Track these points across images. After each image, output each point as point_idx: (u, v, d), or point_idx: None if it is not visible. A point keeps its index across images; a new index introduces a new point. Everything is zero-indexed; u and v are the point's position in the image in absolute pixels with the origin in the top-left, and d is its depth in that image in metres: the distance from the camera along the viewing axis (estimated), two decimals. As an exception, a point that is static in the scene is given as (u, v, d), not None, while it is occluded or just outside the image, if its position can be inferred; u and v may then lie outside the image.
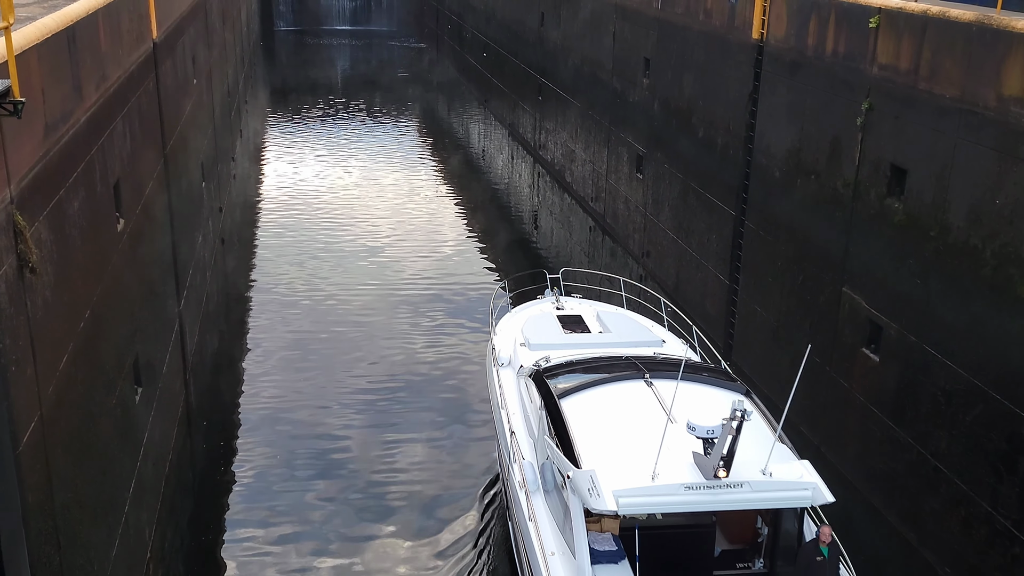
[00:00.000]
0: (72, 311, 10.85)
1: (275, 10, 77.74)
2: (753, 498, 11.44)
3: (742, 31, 21.31)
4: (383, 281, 28.06)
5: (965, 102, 14.19)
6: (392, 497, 18.18)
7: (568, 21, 35.12)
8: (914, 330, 15.36)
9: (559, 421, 12.95)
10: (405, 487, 18.47)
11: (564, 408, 13.11)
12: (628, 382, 13.86)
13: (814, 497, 11.58)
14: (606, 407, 13.30)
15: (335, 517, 17.62)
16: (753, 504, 11.65)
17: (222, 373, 23.04)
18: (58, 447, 9.94)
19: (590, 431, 12.61)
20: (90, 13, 12.79)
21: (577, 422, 12.77)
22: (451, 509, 17.78)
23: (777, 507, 12.18)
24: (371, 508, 17.88)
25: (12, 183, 8.97)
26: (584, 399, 13.39)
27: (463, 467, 19.08)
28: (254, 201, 35.79)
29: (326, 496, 18.18)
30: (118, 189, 13.82)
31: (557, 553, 12.29)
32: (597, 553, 12.01)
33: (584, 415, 12.99)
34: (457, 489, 18.38)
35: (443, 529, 17.19)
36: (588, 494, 11.31)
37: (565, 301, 18.83)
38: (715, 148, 22.80)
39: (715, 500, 11.35)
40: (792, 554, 12.46)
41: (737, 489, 11.25)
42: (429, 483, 18.60)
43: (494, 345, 17.51)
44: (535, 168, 40.07)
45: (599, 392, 13.61)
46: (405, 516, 17.59)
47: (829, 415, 17.92)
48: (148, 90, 17.36)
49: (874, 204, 16.52)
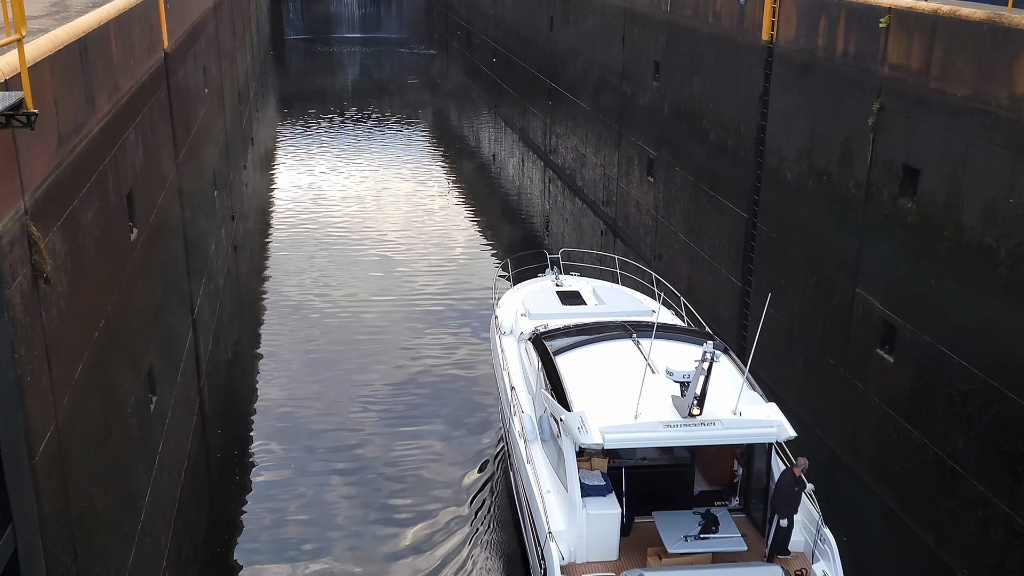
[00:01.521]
0: (87, 320, 10.90)
1: (285, 19, 78.04)
2: (724, 434, 12.67)
3: (751, 33, 21.28)
4: (395, 286, 28.11)
5: (977, 101, 14.13)
6: (406, 507, 18.18)
7: (577, 25, 35.13)
8: (929, 330, 15.29)
9: (554, 375, 14.27)
10: (419, 494, 18.46)
11: (559, 363, 14.47)
12: (617, 341, 15.19)
13: (779, 433, 12.78)
14: (596, 361, 14.59)
15: (351, 524, 17.64)
16: (724, 440, 12.89)
17: (236, 380, 23.11)
18: (74, 456, 9.98)
19: (581, 382, 13.92)
20: (102, 24, 12.86)
21: (570, 375, 14.10)
22: (457, 491, 18.11)
23: (746, 442, 13.45)
24: (386, 515, 17.89)
25: (26, 194, 9.03)
26: (577, 355, 14.78)
27: (472, 467, 19.11)
28: (266, 208, 35.91)
29: (342, 503, 18.20)
30: (131, 199, 13.88)
31: (552, 491, 13.65)
32: (587, 487, 13.24)
33: (576, 369, 14.31)
34: (465, 484, 18.40)
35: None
36: (578, 432, 12.61)
37: (564, 279, 20.18)
38: (726, 150, 22.76)
39: (690, 436, 12.59)
40: (763, 493, 13.54)
41: (710, 427, 12.48)
42: (441, 484, 18.60)
43: (497, 315, 19.04)
44: (546, 172, 40.09)
45: (590, 349, 14.97)
46: (422, 530, 17.56)
47: (844, 417, 17.84)
48: (160, 100, 17.45)
49: (887, 205, 16.45)
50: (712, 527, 13.09)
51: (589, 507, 12.99)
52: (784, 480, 13.16)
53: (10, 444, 8.10)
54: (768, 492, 13.46)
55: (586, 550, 12.95)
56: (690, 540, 12.79)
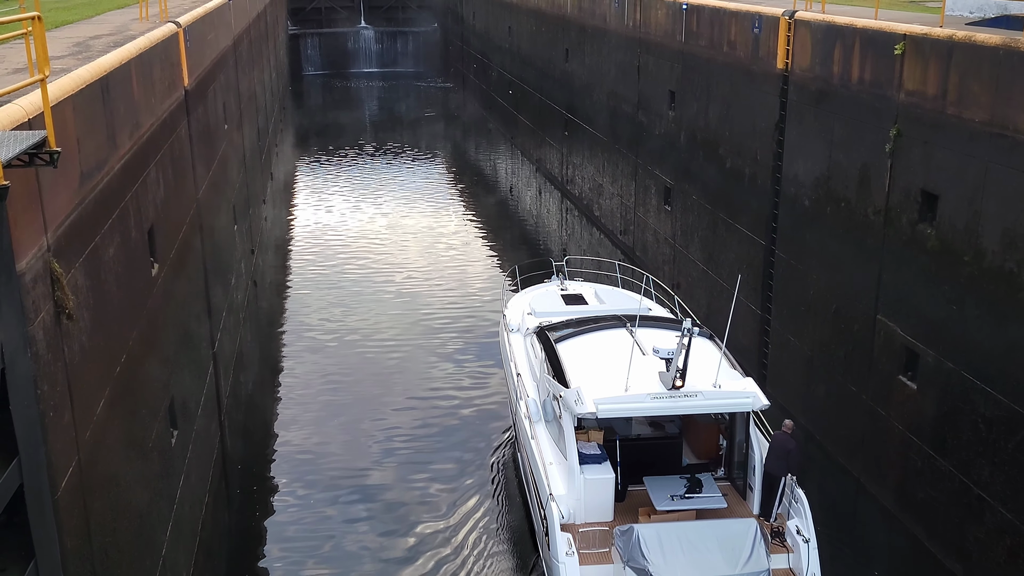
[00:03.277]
0: (108, 356, 10.97)
1: (303, 55, 78.80)
2: (705, 404, 14.08)
3: (766, 61, 21.34)
4: (414, 321, 28.12)
5: (995, 125, 14.09)
6: (425, 542, 18.10)
7: (592, 56, 35.35)
8: (951, 356, 15.16)
9: (555, 360, 15.71)
10: (436, 534, 18.38)
11: (559, 350, 15.99)
12: (611, 330, 16.68)
13: (754, 403, 14.09)
14: (592, 347, 16.10)
15: (371, 559, 17.56)
16: (705, 408, 14.33)
17: (256, 414, 23.14)
18: (95, 491, 10.00)
19: (579, 364, 15.37)
20: (123, 63, 13.05)
21: (569, 359, 15.59)
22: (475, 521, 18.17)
23: (724, 411, 14.95)
24: (406, 546, 17.81)
25: (49, 231, 9.13)
26: (575, 343, 16.30)
27: (483, 465, 19.09)
28: (285, 243, 36.13)
29: (362, 538, 18.13)
30: (152, 234, 14.01)
31: (554, 462, 15.14)
32: (585, 456, 14.71)
33: (574, 354, 15.81)
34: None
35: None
36: (575, 404, 14.09)
37: (568, 283, 21.78)
38: (743, 178, 22.76)
39: (675, 406, 13.99)
40: (744, 462, 15.00)
41: (692, 397, 13.86)
42: (459, 528, 18.51)
43: (505, 315, 20.76)
44: (563, 203, 40.16)
45: (587, 337, 16.51)
46: (443, 560, 17.49)
47: (867, 445, 17.67)
48: (180, 136, 17.64)
49: (906, 230, 16.39)
50: (696, 488, 14.53)
51: (586, 473, 14.41)
52: (778, 440, 14.39)
53: (32, 480, 8.13)
54: (749, 464, 14.80)
55: (584, 511, 14.35)
56: (676, 499, 14.23)
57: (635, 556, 13.06)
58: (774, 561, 13.42)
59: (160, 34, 16.59)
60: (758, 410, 14.34)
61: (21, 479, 7.92)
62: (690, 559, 12.97)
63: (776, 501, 14.38)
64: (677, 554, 12.98)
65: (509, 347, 19.26)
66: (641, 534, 13.21)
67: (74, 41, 15.52)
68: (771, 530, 14.05)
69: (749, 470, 14.82)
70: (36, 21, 8.38)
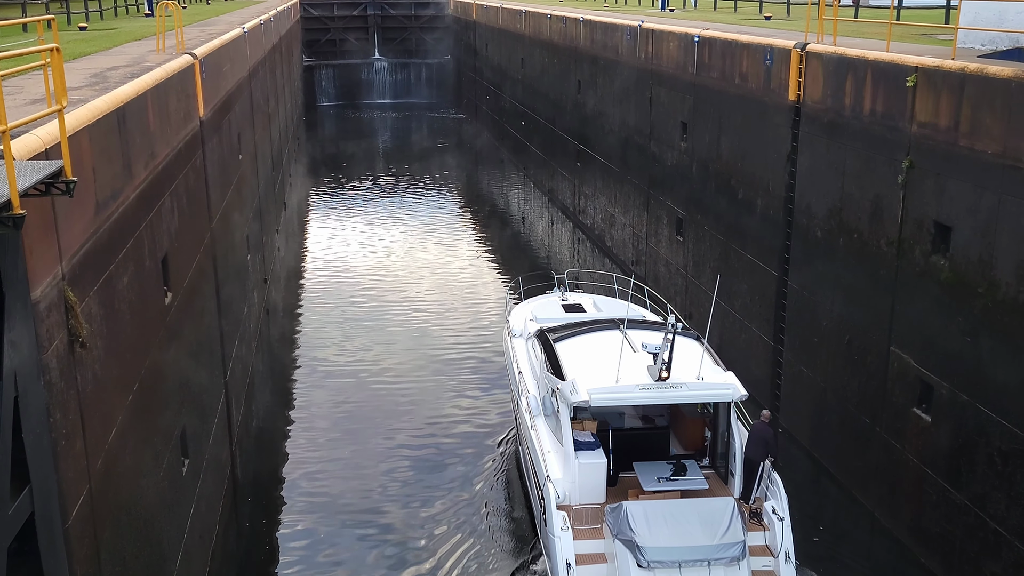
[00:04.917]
0: (121, 384, 11.00)
1: (317, 86, 79.48)
2: (689, 394, 15.32)
3: (778, 93, 21.42)
4: (425, 351, 28.08)
5: (1008, 157, 14.07)
6: (438, 566, 17.99)
7: (604, 88, 35.53)
8: (966, 389, 15.05)
9: (553, 357, 17.01)
10: (447, 556, 18.27)
11: (557, 349, 17.27)
12: (606, 331, 18.02)
13: (733, 394, 15.23)
14: (587, 346, 17.40)
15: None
16: (689, 399, 15.72)
17: (267, 444, 23.10)
18: (106, 520, 10.00)
19: (575, 359, 16.64)
20: (139, 94, 13.19)
21: (566, 356, 16.88)
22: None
23: (707, 401, 16.20)
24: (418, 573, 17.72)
25: (64, 259, 9.19)
26: (572, 342, 17.61)
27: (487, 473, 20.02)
28: (298, 272, 36.23)
29: (374, 569, 18.02)
30: (166, 263, 14.08)
31: (552, 450, 16.29)
32: (579, 443, 15.83)
33: (571, 351, 17.11)
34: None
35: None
36: (570, 394, 15.36)
37: (569, 294, 23.16)
38: (755, 209, 22.77)
39: (661, 396, 15.28)
40: (727, 451, 16.08)
41: (677, 388, 15.06)
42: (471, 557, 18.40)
43: (508, 321, 22.18)
44: (575, 233, 40.19)
45: (583, 338, 17.83)
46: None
47: (881, 478, 17.52)
48: (195, 166, 17.78)
49: (919, 262, 16.34)
50: (682, 472, 15.73)
51: (580, 458, 15.56)
52: (756, 428, 15.52)
53: (44, 509, 8.14)
54: (730, 452, 15.93)
55: (578, 493, 15.50)
56: (662, 481, 15.50)
57: (623, 529, 14.15)
58: (752, 538, 14.52)
59: (176, 65, 16.77)
60: (737, 400, 15.47)
61: (32, 507, 7.92)
62: (673, 532, 14.06)
63: (755, 484, 15.50)
64: (661, 527, 14.11)
65: (512, 350, 20.72)
66: (629, 510, 14.35)
67: (92, 72, 15.70)
68: (750, 511, 15.19)
69: (730, 457, 15.95)
70: (54, 52, 8.49)
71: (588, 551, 14.71)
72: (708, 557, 13.71)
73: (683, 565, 13.68)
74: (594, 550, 14.76)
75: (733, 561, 13.72)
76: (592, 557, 14.66)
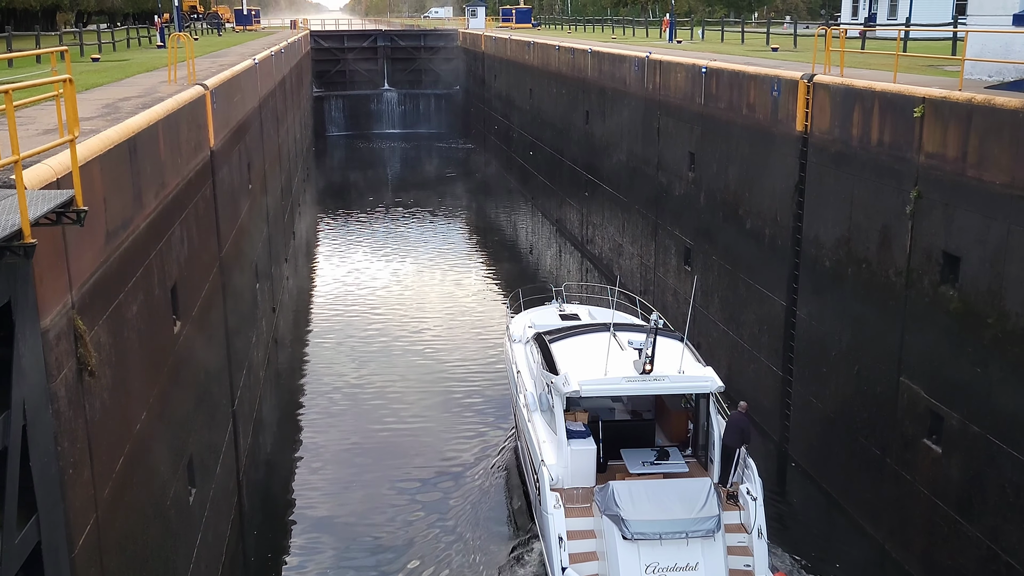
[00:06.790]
0: (129, 413, 11.01)
1: (327, 116, 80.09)
2: (671, 386, 16.77)
3: (786, 124, 21.48)
4: (434, 381, 28.02)
5: (1016, 187, 14.08)
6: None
7: (612, 118, 35.69)
8: (977, 419, 14.97)
9: (548, 355, 18.43)
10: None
11: (552, 348, 18.77)
12: (597, 333, 19.42)
13: (711, 386, 16.62)
14: (579, 345, 18.85)
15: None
16: (671, 390, 17.14)
17: (274, 472, 23.03)
18: (113, 549, 9.97)
19: (568, 357, 18.04)
20: (151, 124, 13.30)
21: (560, 353, 18.33)
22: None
23: (687, 392, 17.67)
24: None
25: (73, 288, 9.24)
26: (566, 342, 19.15)
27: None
28: (307, 301, 36.29)
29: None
30: (175, 292, 14.13)
31: (547, 440, 17.77)
32: (572, 432, 17.33)
33: (565, 349, 18.61)
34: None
35: None
36: (562, 386, 16.75)
37: (566, 306, 24.77)
38: (763, 239, 22.77)
39: (645, 387, 16.58)
40: (707, 441, 17.35)
41: (660, 381, 16.46)
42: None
43: (508, 328, 24.10)
44: (583, 263, 40.22)
45: (576, 339, 19.34)
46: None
47: (891, 509, 17.39)
48: (205, 196, 17.88)
49: (928, 292, 16.31)
50: (665, 458, 17.31)
51: (572, 445, 16.99)
52: (734, 418, 16.82)
53: (50, 538, 8.12)
54: (710, 440, 17.21)
55: (570, 477, 16.91)
56: (647, 465, 17.12)
57: (610, 505, 15.56)
58: (728, 517, 15.97)
59: (187, 96, 16.91)
60: (714, 392, 16.85)
61: (39, 536, 7.91)
62: (655, 507, 15.48)
63: (732, 469, 16.77)
64: (644, 504, 15.54)
65: (512, 353, 22.52)
66: (615, 489, 15.78)
67: (104, 103, 15.85)
68: (727, 493, 16.56)
69: (710, 444, 17.26)
70: (67, 84, 8.57)
71: (578, 528, 16.14)
72: (686, 530, 15.13)
73: (664, 537, 15.11)
74: (584, 527, 16.19)
75: (709, 534, 15.13)
76: (582, 533, 16.10)
